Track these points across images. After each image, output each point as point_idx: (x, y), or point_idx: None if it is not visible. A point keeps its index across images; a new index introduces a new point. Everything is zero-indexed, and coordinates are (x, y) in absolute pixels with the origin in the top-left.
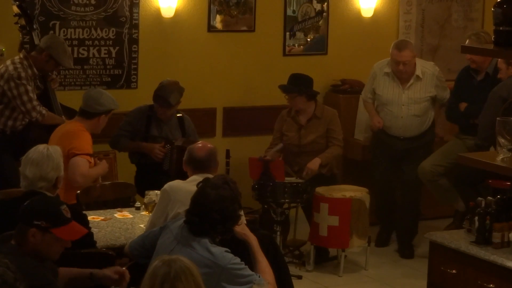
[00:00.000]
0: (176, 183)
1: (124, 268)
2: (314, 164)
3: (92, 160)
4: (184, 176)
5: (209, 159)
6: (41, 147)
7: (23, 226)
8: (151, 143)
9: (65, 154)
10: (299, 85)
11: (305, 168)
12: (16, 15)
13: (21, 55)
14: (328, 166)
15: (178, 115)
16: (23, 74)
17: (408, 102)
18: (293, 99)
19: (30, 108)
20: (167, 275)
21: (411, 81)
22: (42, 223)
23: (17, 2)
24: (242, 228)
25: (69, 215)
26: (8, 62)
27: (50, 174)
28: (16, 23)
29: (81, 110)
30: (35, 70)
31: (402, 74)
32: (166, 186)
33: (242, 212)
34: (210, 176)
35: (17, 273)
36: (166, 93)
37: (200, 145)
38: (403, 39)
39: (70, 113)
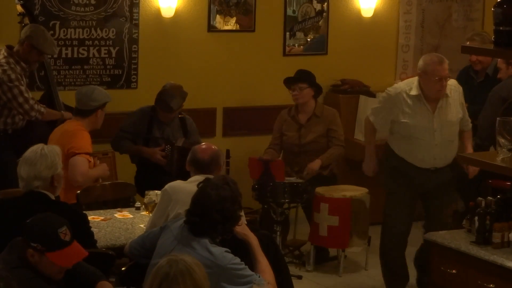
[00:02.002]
0: (177, 183)
1: None
2: (315, 164)
3: (91, 159)
4: (185, 177)
5: (211, 163)
6: (36, 146)
7: (24, 244)
8: (152, 145)
9: (65, 154)
10: (308, 77)
11: (306, 168)
12: (20, 14)
13: (5, 53)
14: (329, 167)
15: (179, 115)
16: (13, 76)
17: (440, 127)
18: (302, 90)
19: (28, 108)
20: (166, 275)
21: (440, 101)
22: (38, 246)
23: (21, 2)
24: (242, 228)
25: (67, 238)
26: None
27: (44, 172)
28: (20, 22)
29: (76, 109)
30: (23, 64)
31: (442, 93)
32: (166, 186)
33: (242, 213)
34: (211, 176)
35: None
36: (168, 98)
37: (204, 146)
38: (433, 53)
39: (72, 112)
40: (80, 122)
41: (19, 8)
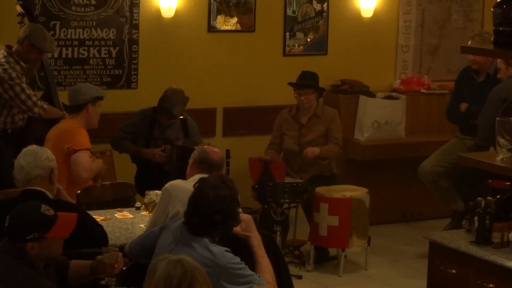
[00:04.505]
0: (177, 182)
1: (118, 252)
2: (312, 151)
3: (91, 154)
4: (184, 176)
5: (222, 163)
6: (30, 146)
7: (17, 244)
8: (153, 145)
9: (65, 152)
10: (312, 80)
11: (305, 150)
12: (19, 14)
13: (5, 53)
14: (328, 167)
15: (180, 117)
16: (14, 74)
17: None
18: (309, 95)
19: (31, 104)
20: (184, 275)
21: None
22: (35, 235)
23: (20, 2)
24: (248, 226)
25: (52, 212)
26: None
27: (45, 162)
28: (20, 22)
29: (69, 107)
30: (22, 64)
31: None
32: (167, 185)
33: (240, 210)
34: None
35: None
36: (170, 105)
37: (211, 148)
38: None
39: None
40: (74, 119)
41: (19, 8)
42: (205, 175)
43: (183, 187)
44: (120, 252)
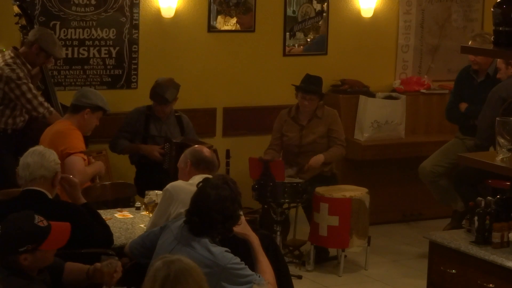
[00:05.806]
0: (179, 183)
1: (117, 261)
2: (317, 160)
3: (86, 157)
4: None
5: (215, 159)
6: (39, 147)
7: (10, 256)
8: (151, 143)
9: (59, 155)
10: (318, 86)
11: (307, 164)
12: (16, 15)
13: (12, 54)
14: (330, 165)
15: (176, 114)
16: (21, 74)
17: None
18: (312, 100)
19: (36, 104)
20: (167, 277)
21: None
22: (28, 247)
23: (17, 2)
24: (243, 228)
25: (45, 223)
26: (1, 63)
27: (51, 164)
28: (17, 23)
29: (70, 105)
30: (28, 66)
31: None
32: (168, 186)
33: (241, 212)
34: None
35: None
36: (162, 90)
37: (200, 147)
38: None
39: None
40: (69, 120)
41: (16, 9)
42: (207, 175)
43: (185, 188)
44: (119, 261)
